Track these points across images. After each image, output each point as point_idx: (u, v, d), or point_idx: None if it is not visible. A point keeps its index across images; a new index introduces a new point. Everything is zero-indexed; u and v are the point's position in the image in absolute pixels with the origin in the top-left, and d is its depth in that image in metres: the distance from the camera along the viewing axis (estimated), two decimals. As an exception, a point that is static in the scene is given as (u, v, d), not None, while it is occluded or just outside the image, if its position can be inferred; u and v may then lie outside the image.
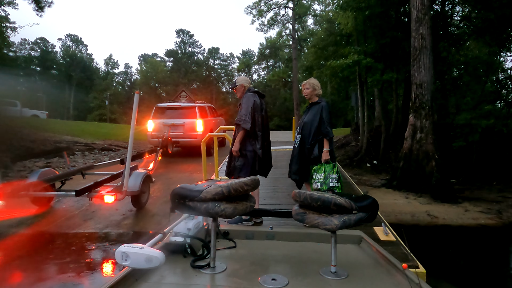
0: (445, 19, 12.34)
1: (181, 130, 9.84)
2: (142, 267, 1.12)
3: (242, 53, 56.16)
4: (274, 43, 37.80)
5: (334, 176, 3.63)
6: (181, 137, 9.78)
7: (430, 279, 2.97)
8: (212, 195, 1.27)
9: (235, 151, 3.80)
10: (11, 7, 17.66)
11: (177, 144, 9.76)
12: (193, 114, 10.04)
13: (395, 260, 1.32)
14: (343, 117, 31.77)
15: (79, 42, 51.86)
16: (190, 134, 9.83)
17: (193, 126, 9.87)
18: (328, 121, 3.79)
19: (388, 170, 10.47)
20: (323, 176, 3.64)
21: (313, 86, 3.96)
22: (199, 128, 9.89)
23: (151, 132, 9.97)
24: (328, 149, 3.78)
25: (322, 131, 3.78)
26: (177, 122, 9.87)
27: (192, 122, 9.89)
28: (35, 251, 4.42)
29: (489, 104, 11.60)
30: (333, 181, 3.61)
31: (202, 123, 9.94)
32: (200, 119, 9.95)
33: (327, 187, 3.59)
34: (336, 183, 3.62)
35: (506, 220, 6.61)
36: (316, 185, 3.66)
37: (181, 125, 9.89)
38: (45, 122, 18.16)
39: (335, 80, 18.46)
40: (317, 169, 3.72)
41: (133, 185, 5.06)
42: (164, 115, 10.25)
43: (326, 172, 3.65)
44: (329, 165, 3.70)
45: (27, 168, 8.64)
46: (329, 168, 3.67)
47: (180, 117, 10.01)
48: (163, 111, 10.43)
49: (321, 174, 3.65)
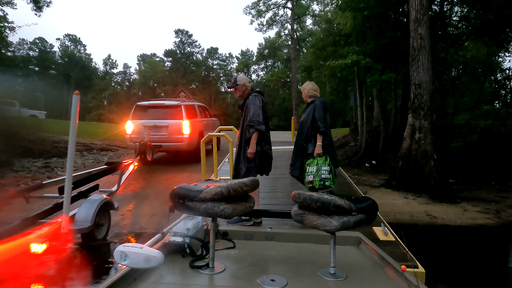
0: (444, 20, 12.35)
1: (164, 133, 8.66)
2: (141, 267, 1.12)
3: (241, 53, 56.30)
4: (273, 43, 37.80)
5: (326, 168, 3.79)
6: (165, 140, 8.63)
7: (429, 279, 2.98)
8: (211, 195, 1.26)
9: (252, 153, 3.76)
10: (9, 6, 17.61)
11: (159, 149, 8.79)
12: (179, 114, 8.81)
13: (394, 261, 1.33)
14: (342, 117, 31.78)
15: (77, 42, 51.80)
16: (175, 137, 8.63)
17: (179, 128, 8.64)
18: (320, 118, 3.95)
19: (387, 170, 10.48)
20: (315, 169, 3.79)
21: (303, 89, 4.32)
22: (186, 131, 8.69)
23: (130, 135, 8.81)
24: (320, 143, 3.92)
25: (315, 126, 3.97)
26: (160, 124, 8.66)
27: (177, 123, 8.68)
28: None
29: (488, 104, 11.64)
30: (325, 173, 3.76)
31: (189, 124, 8.77)
32: (186, 120, 8.75)
33: (319, 179, 3.74)
34: (327, 174, 3.78)
35: (505, 220, 6.63)
36: (309, 177, 3.83)
37: (164, 126, 8.68)
38: (43, 122, 18.12)
39: (334, 81, 18.44)
40: (310, 162, 3.88)
41: (83, 219, 3.81)
42: (145, 115, 8.98)
43: (318, 164, 3.80)
44: (321, 158, 3.86)
45: (25, 168, 8.62)
46: (321, 160, 3.83)
47: (164, 117, 8.79)
48: (144, 110, 9.13)
49: (314, 167, 3.81)
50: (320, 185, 3.73)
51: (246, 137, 3.83)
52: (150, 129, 8.35)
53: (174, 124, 8.69)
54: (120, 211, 5.71)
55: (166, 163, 9.51)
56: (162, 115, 8.84)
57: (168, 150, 9.23)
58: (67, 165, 3.42)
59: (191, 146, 8.85)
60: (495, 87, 13.25)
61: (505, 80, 12.81)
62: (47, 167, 8.92)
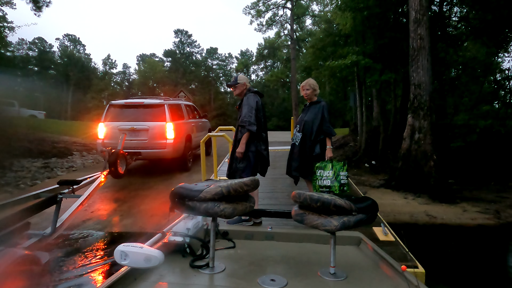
0: (443, 20, 12.37)
1: (144, 137, 7.42)
2: (141, 267, 1.12)
3: (240, 53, 56.27)
4: (273, 43, 37.84)
5: (344, 173, 3.76)
6: (144, 146, 7.37)
7: (429, 279, 2.98)
8: (211, 195, 1.26)
9: (240, 153, 3.76)
10: (9, 6, 17.56)
11: (138, 157, 7.40)
12: (162, 115, 7.56)
13: (394, 261, 1.33)
14: (341, 117, 31.79)
15: (77, 42, 51.72)
16: (157, 142, 7.42)
17: (161, 131, 7.46)
18: (329, 120, 3.94)
19: (386, 170, 10.48)
20: (332, 173, 3.73)
21: (312, 87, 4.08)
22: (170, 134, 7.47)
23: (102, 140, 7.50)
24: (331, 146, 3.91)
25: (325, 130, 3.91)
26: (138, 126, 7.42)
27: (159, 126, 7.48)
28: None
29: (487, 104, 11.66)
30: (343, 178, 3.73)
31: (173, 127, 7.56)
32: (171, 122, 7.55)
33: (338, 184, 3.70)
34: (346, 180, 3.76)
35: (504, 220, 6.63)
36: (325, 181, 3.75)
37: (143, 130, 7.44)
38: (42, 122, 18.11)
39: (334, 81, 18.50)
40: (323, 166, 3.80)
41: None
42: (121, 116, 7.65)
43: (336, 169, 3.74)
44: (339, 163, 3.81)
45: (25, 169, 8.61)
46: (339, 165, 3.77)
47: (143, 119, 7.55)
48: (120, 111, 7.76)
49: (329, 172, 3.74)
50: (340, 190, 3.72)
51: (238, 137, 3.85)
52: (125, 133, 6.75)
53: (155, 127, 7.47)
54: (119, 211, 5.71)
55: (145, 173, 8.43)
56: (141, 117, 7.60)
57: (148, 158, 7.89)
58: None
59: (176, 152, 7.72)
60: (495, 88, 13.26)
61: (505, 81, 12.81)
62: (46, 167, 8.92)
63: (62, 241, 4.58)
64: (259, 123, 3.82)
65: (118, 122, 7.51)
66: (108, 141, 7.33)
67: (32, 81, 40.97)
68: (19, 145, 9.86)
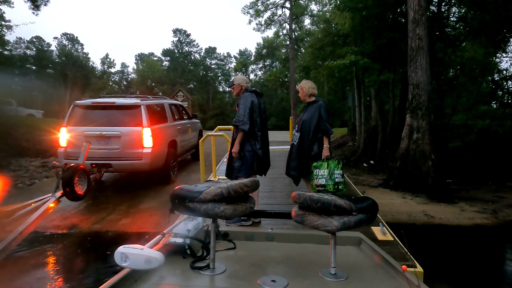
0: (442, 20, 12.39)
1: (115, 146, 6.10)
2: (142, 268, 1.12)
3: (239, 52, 56.26)
4: (271, 43, 37.79)
5: (339, 172, 3.79)
6: (116, 156, 6.07)
7: (427, 279, 2.99)
8: (211, 196, 1.26)
9: (235, 153, 3.80)
10: (7, 5, 17.51)
11: (108, 168, 6.15)
12: (138, 118, 6.21)
13: (394, 261, 1.33)
14: (340, 117, 31.83)
15: (75, 41, 51.53)
16: (131, 151, 6.12)
17: (137, 138, 6.15)
18: (327, 119, 3.97)
19: (385, 170, 10.50)
20: (327, 172, 3.77)
21: (301, 88, 4.23)
22: (147, 142, 6.15)
23: (65, 149, 6.25)
24: (328, 146, 3.94)
25: (322, 129, 3.94)
26: (108, 133, 6.10)
27: (134, 131, 6.16)
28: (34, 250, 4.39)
29: (485, 104, 11.69)
30: (338, 176, 3.77)
31: (152, 133, 6.21)
32: (148, 126, 6.21)
33: (333, 183, 3.74)
34: (341, 178, 3.79)
35: (502, 220, 6.66)
36: (320, 180, 3.80)
37: (115, 136, 6.11)
38: (40, 121, 18.06)
39: (332, 81, 18.47)
40: (319, 165, 3.84)
41: None
42: (89, 120, 6.29)
43: (330, 168, 3.78)
44: (333, 161, 3.84)
45: (22, 167, 8.59)
46: (333, 164, 3.81)
47: (115, 123, 6.22)
48: (87, 113, 6.40)
49: (325, 170, 3.78)
50: (334, 188, 3.75)
51: (234, 137, 3.89)
52: (89, 142, 5.49)
53: (129, 133, 6.15)
54: (119, 211, 5.68)
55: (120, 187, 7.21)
56: (113, 120, 6.25)
57: (121, 170, 6.65)
58: None
59: (155, 164, 6.39)
60: (492, 88, 13.28)
61: (502, 81, 12.83)
62: (44, 167, 8.90)
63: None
64: (253, 122, 3.83)
65: (83, 127, 6.19)
66: (71, 150, 6.15)
67: (30, 80, 40.79)
68: (17, 144, 9.84)
